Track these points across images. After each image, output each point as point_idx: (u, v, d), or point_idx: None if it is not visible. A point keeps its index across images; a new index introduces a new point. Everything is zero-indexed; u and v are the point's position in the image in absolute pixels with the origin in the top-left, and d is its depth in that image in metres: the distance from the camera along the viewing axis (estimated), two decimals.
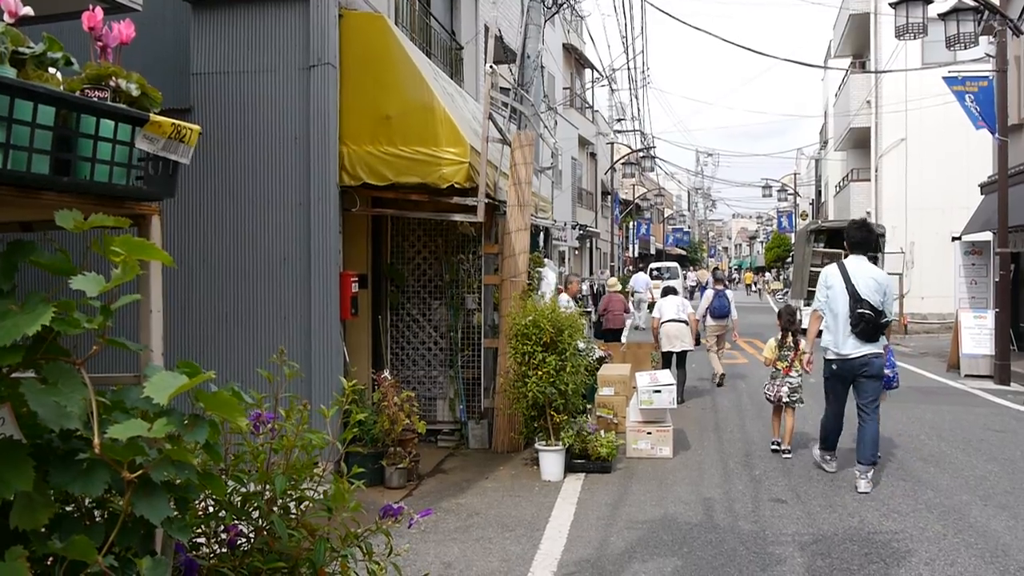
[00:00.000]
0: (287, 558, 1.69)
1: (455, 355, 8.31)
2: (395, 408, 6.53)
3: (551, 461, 6.83)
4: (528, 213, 8.06)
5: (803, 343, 7.55)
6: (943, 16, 12.95)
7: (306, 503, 1.84)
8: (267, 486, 1.76)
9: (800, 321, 8.33)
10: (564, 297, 9.53)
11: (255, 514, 1.74)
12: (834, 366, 6.64)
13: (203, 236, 6.74)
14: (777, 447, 7.77)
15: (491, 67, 7.78)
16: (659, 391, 7.63)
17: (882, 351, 6.56)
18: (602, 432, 7.29)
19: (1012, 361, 12.79)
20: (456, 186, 6.90)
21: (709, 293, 12.63)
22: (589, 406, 8.58)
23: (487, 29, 11.97)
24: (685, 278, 36.26)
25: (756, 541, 5.23)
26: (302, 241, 6.63)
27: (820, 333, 6.86)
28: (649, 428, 7.63)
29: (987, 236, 14.64)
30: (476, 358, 8.28)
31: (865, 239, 6.85)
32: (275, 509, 1.75)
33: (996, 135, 13.20)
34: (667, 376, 7.96)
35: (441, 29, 10.72)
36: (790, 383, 7.63)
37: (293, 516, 1.85)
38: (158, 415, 1.19)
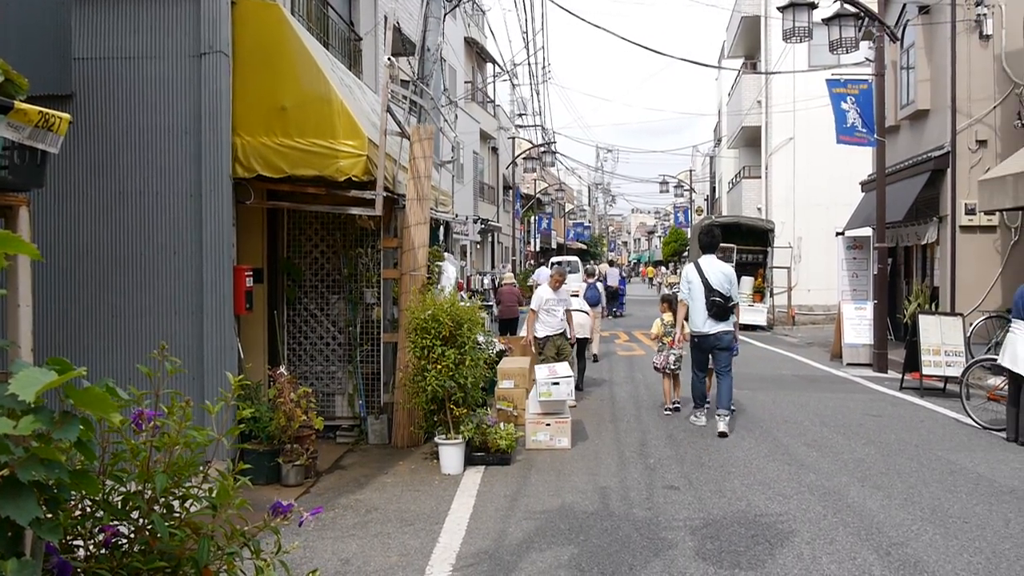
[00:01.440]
0: (169, 558, 1.65)
1: (354, 350, 8.23)
2: (292, 404, 6.42)
3: (451, 455, 6.84)
4: (428, 207, 8.04)
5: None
6: (827, 21, 13.55)
7: (190, 501, 1.80)
8: (148, 485, 1.72)
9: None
10: (546, 289, 9.79)
11: (135, 514, 1.69)
12: (696, 340, 8.54)
13: (88, 228, 6.45)
14: (670, 409, 9.43)
15: (390, 59, 7.72)
16: (557, 383, 7.75)
17: (731, 328, 8.40)
18: (502, 425, 7.35)
19: (889, 350, 13.53)
20: (354, 179, 6.82)
21: (583, 285, 14.63)
22: (489, 399, 8.64)
23: (386, 20, 11.88)
24: (595, 273, 36.81)
25: (649, 527, 5.39)
26: (193, 234, 6.43)
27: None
28: (548, 420, 7.74)
29: (867, 232, 15.43)
30: (375, 353, 8.21)
31: (711, 243, 8.79)
32: (156, 508, 1.70)
33: (874, 136, 13.91)
34: (565, 368, 8.09)
35: (339, 19, 10.55)
36: (674, 354, 9.36)
37: (177, 515, 1.80)
38: (25, 413, 1.15)
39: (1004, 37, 13.56)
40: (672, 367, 9.39)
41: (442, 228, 10.08)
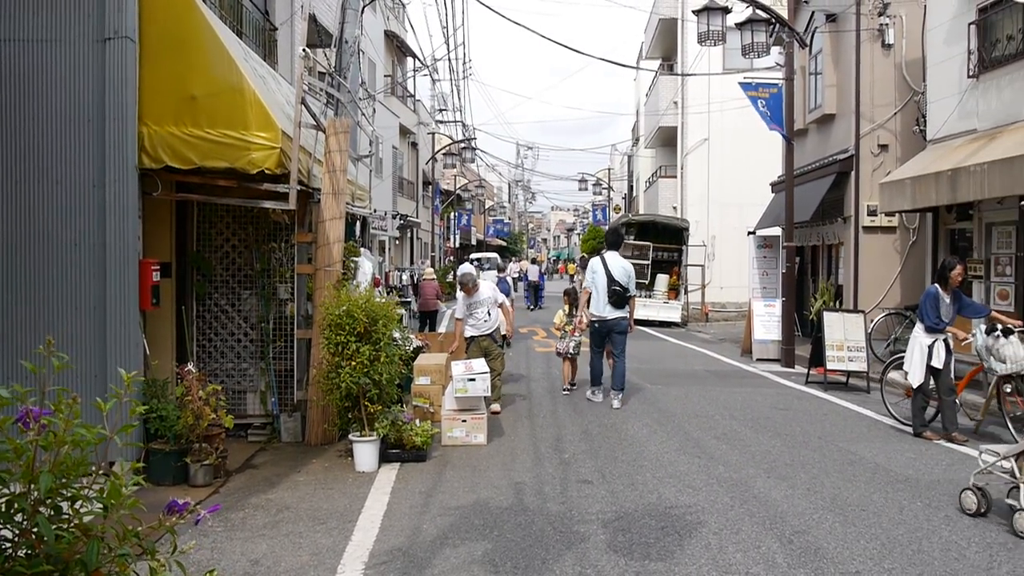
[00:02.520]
0: (56, 561, 1.58)
1: (267, 346, 8.05)
2: (200, 402, 6.25)
3: (365, 452, 6.77)
4: (344, 201, 7.93)
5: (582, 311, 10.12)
6: (739, 26, 13.91)
7: (80, 502, 1.73)
8: (33, 486, 1.64)
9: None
10: (489, 285, 9.76)
11: (20, 516, 1.61)
12: (596, 324, 9.77)
13: None
14: (567, 389, 10.56)
15: (305, 50, 7.58)
16: (473, 379, 7.75)
17: (627, 315, 9.73)
18: (417, 421, 7.32)
19: (796, 345, 14.00)
20: (267, 172, 6.68)
21: (493, 277, 15.10)
22: (406, 396, 8.59)
23: (303, 11, 11.65)
24: (506, 269, 36.92)
25: (563, 521, 5.44)
26: (96, 226, 6.19)
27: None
28: (464, 416, 7.74)
29: (777, 231, 15.91)
30: (289, 349, 8.06)
31: (616, 241, 10.39)
32: (43, 510, 1.63)
33: (784, 136, 14.35)
34: (481, 365, 8.10)
35: (254, 8, 10.29)
36: (574, 341, 10.40)
37: (67, 516, 1.73)
38: None
39: (905, 46, 14.18)
40: (572, 352, 10.46)
41: (359, 223, 9.96)
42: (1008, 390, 7.76)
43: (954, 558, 4.82)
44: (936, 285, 8.05)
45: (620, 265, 9.72)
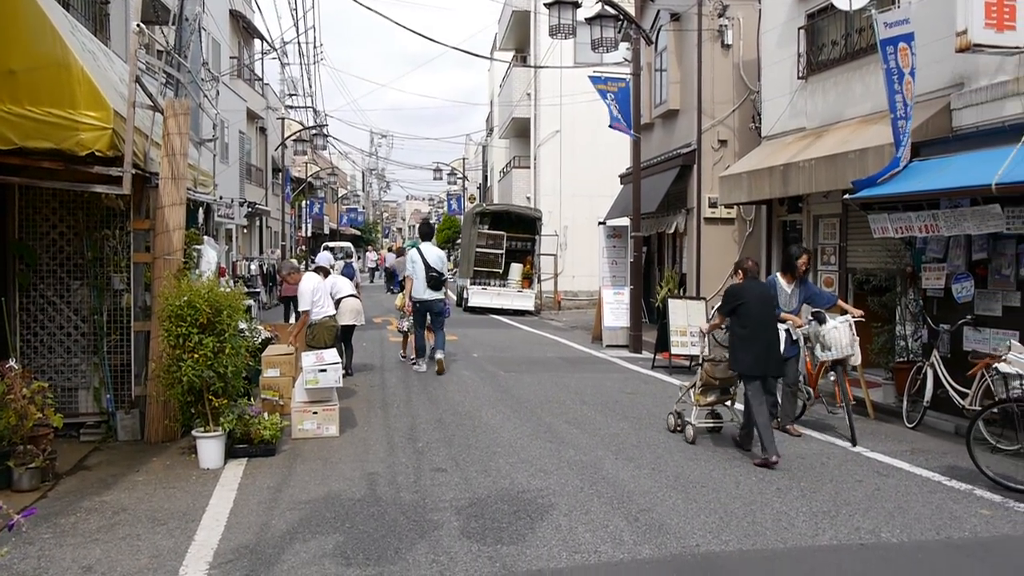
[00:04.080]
0: None
1: (100, 340, 7.57)
2: (24, 401, 5.80)
3: (209, 448, 6.49)
4: (184, 187, 7.55)
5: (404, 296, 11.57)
6: (589, 21, 14.26)
7: None
8: None
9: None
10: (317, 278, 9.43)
11: None
12: (418, 305, 11.07)
13: None
14: (404, 358, 12.25)
15: (140, 26, 7.15)
16: (324, 370, 7.59)
17: (443, 297, 11.19)
18: (266, 415, 7.09)
19: (643, 332, 14.54)
20: (98, 154, 6.27)
21: (341, 264, 16.27)
22: (254, 389, 8.30)
23: None
24: (353, 256, 36.47)
25: (416, 510, 5.42)
26: None
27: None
28: (315, 408, 7.56)
29: (625, 221, 16.44)
30: (125, 343, 7.60)
31: (428, 232, 11.96)
32: None
33: (631, 132, 14.83)
34: (332, 355, 7.93)
35: None
36: (408, 320, 11.63)
37: None
38: None
39: (742, 47, 14.96)
40: (407, 329, 11.98)
41: (202, 210, 9.51)
42: (833, 377, 7.87)
43: (784, 527, 5.15)
44: (777, 274, 8.37)
45: (435, 254, 11.14)
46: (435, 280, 10.89)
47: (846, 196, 9.30)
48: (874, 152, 9.13)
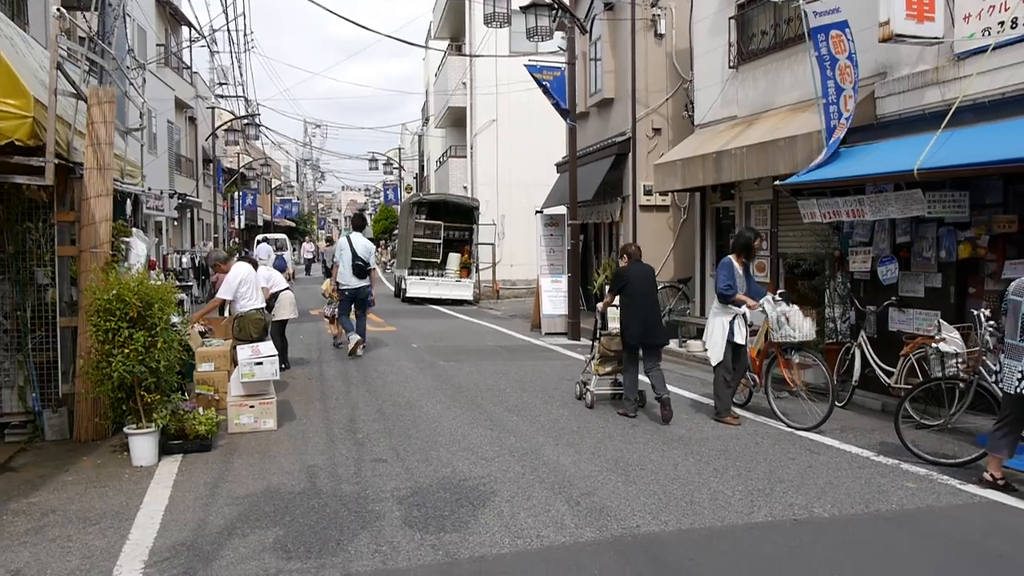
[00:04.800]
0: None
1: (24, 337, 7.30)
2: None
3: (142, 445, 6.34)
4: (111, 177, 7.33)
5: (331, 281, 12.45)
6: (524, 9, 14.25)
7: None
8: None
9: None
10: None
11: None
12: (346, 292, 11.77)
13: None
14: (336, 339, 12.91)
15: (60, 10, 6.91)
16: (261, 363, 7.47)
17: (369, 284, 11.83)
18: (200, 410, 6.95)
19: (581, 319, 14.66)
20: (18, 143, 6.01)
21: (275, 256, 17.25)
22: (188, 384, 8.12)
23: None
24: (286, 248, 35.83)
25: (358, 501, 5.38)
26: None
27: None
28: (252, 402, 7.44)
29: (562, 210, 16.53)
30: (51, 339, 7.35)
31: (359, 224, 12.97)
32: None
33: (568, 120, 14.90)
34: (269, 348, 7.81)
35: None
36: (332, 306, 12.69)
37: None
38: None
39: (675, 37, 15.15)
40: (331, 314, 12.89)
41: (130, 201, 9.25)
42: (788, 359, 7.77)
43: (721, 506, 5.27)
44: (731, 256, 8.08)
45: (363, 244, 11.86)
46: (360, 269, 11.61)
47: (776, 182, 9.51)
48: (803, 139, 9.35)
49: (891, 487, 5.72)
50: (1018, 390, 5.41)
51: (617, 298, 8.21)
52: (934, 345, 7.01)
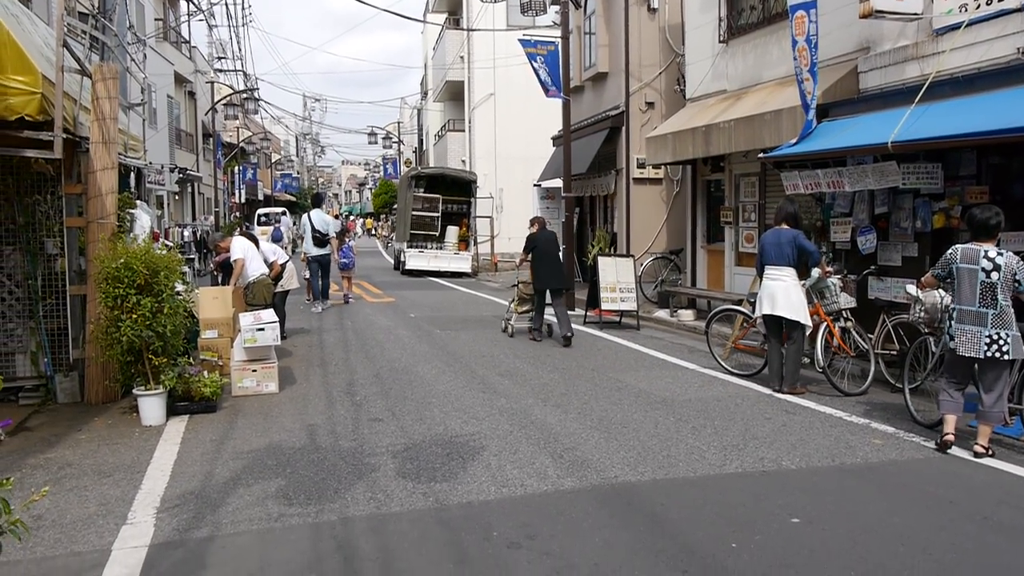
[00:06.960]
0: None
1: (36, 305, 7.63)
2: None
3: (151, 405, 6.68)
4: (116, 151, 7.61)
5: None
6: None
7: None
8: None
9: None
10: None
11: None
12: (311, 259, 14.01)
13: None
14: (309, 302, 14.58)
15: None
16: (263, 329, 7.79)
17: (328, 252, 13.98)
18: (205, 373, 7.28)
19: (576, 290, 14.96)
20: (28, 119, 6.30)
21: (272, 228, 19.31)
22: (192, 351, 8.45)
23: None
24: (281, 221, 35.96)
25: (354, 455, 5.73)
26: None
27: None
28: (254, 366, 7.77)
29: (558, 183, 16.78)
30: (61, 307, 7.68)
31: (317, 202, 15.96)
32: None
33: (561, 94, 15.11)
34: (270, 315, 8.13)
35: None
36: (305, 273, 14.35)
37: None
38: None
39: (668, 11, 15.31)
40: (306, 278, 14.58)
41: (133, 175, 9.54)
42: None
43: (696, 460, 5.61)
44: (784, 225, 7.90)
45: (320, 218, 14.05)
46: (319, 239, 13.78)
47: (760, 155, 9.78)
48: (788, 113, 9.60)
49: (858, 443, 6.05)
50: (987, 354, 5.65)
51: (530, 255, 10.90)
52: (908, 288, 6.93)
